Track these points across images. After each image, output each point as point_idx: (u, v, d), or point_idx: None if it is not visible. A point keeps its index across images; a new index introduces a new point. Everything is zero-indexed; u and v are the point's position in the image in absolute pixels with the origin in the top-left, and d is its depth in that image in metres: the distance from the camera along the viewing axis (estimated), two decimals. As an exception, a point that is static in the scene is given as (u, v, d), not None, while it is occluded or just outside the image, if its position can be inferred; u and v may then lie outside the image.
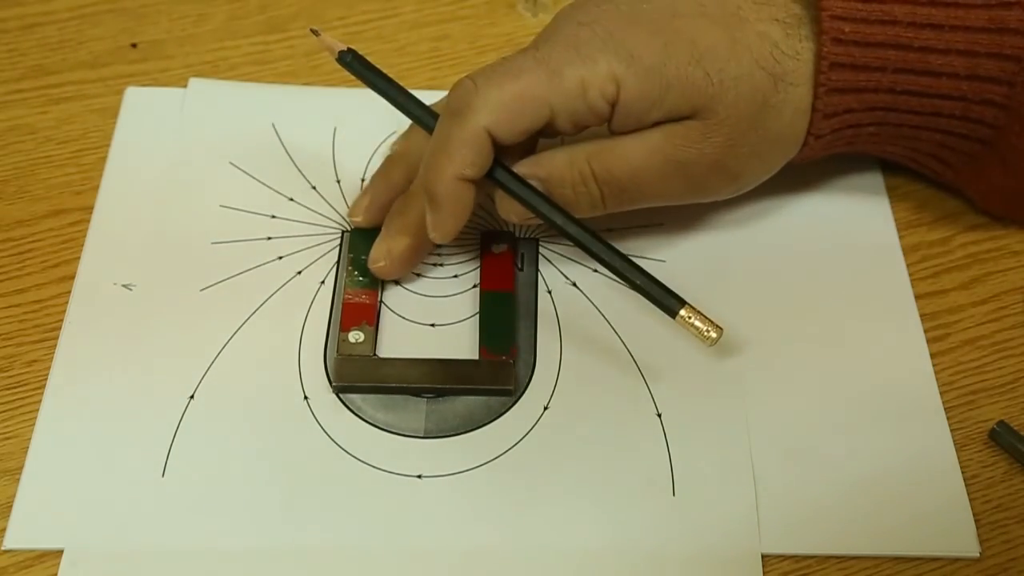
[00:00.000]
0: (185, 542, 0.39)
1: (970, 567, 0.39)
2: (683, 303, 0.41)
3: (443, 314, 0.45)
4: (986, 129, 0.43)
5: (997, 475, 0.41)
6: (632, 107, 0.40)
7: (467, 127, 0.40)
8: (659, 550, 0.39)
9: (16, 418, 0.42)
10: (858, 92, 0.42)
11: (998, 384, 0.44)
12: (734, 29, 0.41)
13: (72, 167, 0.50)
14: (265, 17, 0.56)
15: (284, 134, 0.51)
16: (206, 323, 0.44)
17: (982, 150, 0.44)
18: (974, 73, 0.42)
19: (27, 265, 0.46)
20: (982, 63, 0.42)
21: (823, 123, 0.43)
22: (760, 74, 0.41)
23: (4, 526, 0.39)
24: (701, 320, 0.41)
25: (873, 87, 0.42)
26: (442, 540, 0.39)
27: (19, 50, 0.54)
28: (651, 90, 0.40)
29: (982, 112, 0.43)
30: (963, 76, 0.42)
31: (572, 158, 0.41)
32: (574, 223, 0.41)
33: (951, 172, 0.46)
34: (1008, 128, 0.43)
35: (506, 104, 0.40)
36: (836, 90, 0.42)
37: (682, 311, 0.41)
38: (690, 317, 0.40)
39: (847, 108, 0.43)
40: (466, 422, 0.42)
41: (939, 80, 0.42)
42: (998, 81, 0.42)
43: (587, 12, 0.42)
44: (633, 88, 0.40)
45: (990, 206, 0.48)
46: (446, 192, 0.41)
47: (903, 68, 0.42)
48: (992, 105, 0.42)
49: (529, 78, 0.40)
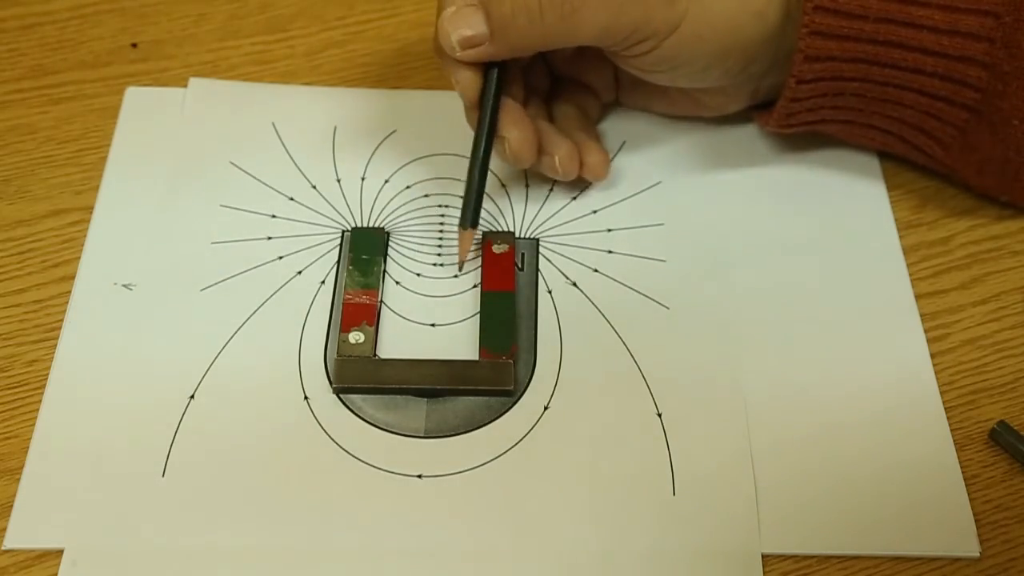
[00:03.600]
0: (185, 542, 0.39)
1: (970, 567, 0.39)
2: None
3: (443, 314, 0.45)
4: (970, 92, 0.44)
5: (997, 475, 0.41)
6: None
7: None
8: (659, 549, 0.39)
9: (16, 418, 0.42)
10: (841, 39, 0.43)
11: (998, 384, 0.44)
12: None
13: (72, 167, 0.50)
14: (265, 17, 0.56)
15: (284, 134, 0.51)
16: (206, 323, 0.44)
17: (969, 118, 0.44)
18: (954, 28, 0.42)
19: (27, 265, 0.46)
20: (961, 18, 0.42)
21: (805, 66, 0.44)
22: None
23: (4, 526, 0.39)
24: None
25: (855, 35, 0.43)
26: (442, 540, 0.39)
27: (19, 50, 0.54)
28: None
29: (964, 71, 0.43)
30: (943, 30, 0.43)
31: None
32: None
33: (941, 149, 0.46)
34: (992, 89, 0.43)
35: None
36: (818, 33, 0.43)
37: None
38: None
39: (830, 55, 0.43)
40: (466, 422, 0.42)
41: (920, 33, 0.43)
42: (977, 37, 0.42)
43: None
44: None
45: (986, 184, 0.48)
46: None
47: (884, 18, 0.43)
48: (973, 63, 0.43)
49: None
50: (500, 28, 0.43)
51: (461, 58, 0.43)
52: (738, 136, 0.51)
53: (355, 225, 0.48)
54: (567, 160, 0.47)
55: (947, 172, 0.48)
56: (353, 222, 0.48)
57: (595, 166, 0.48)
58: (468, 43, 0.43)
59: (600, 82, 0.51)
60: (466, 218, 0.45)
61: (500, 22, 0.42)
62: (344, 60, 0.54)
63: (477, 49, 0.43)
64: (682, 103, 0.50)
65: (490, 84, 0.45)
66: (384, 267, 0.46)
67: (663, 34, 0.43)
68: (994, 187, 0.48)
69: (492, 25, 0.43)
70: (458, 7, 0.43)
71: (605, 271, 0.46)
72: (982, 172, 0.47)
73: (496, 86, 0.45)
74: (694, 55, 0.44)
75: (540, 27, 0.42)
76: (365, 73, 0.54)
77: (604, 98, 0.51)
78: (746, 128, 0.51)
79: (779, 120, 0.47)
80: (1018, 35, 0.42)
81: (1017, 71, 0.42)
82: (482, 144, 0.45)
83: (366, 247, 0.46)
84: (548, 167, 0.48)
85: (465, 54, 0.43)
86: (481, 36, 0.43)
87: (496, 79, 0.45)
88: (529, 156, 0.46)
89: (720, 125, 0.51)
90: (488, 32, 0.43)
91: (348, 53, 0.54)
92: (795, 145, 0.51)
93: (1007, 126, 0.44)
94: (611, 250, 0.47)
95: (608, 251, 0.47)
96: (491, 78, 0.45)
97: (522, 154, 0.46)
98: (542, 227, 0.48)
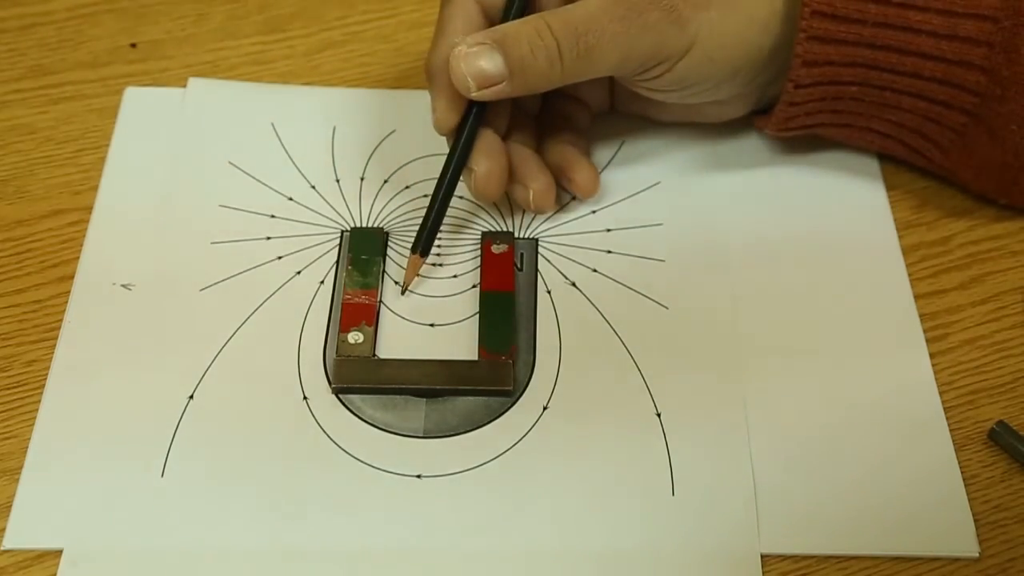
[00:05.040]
0: (184, 542, 0.39)
1: (969, 567, 0.39)
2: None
3: (442, 314, 0.45)
4: (968, 96, 0.44)
5: (996, 475, 0.41)
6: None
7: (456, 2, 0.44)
8: (658, 550, 0.39)
9: (15, 418, 0.42)
10: (838, 44, 0.43)
11: (997, 384, 0.44)
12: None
13: (71, 167, 0.50)
14: (264, 17, 0.56)
15: (283, 134, 0.51)
16: (205, 323, 0.44)
17: (968, 122, 0.44)
18: (953, 32, 0.42)
19: (26, 265, 0.46)
20: (960, 23, 0.42)
21: (802, 71, 0.44)
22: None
23: (3, 526, 0.39)
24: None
25: (853, 40, 0.43)
26: (441, 540, 0.39)
27: (18, 50, 0.54)
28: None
29: (963, 76, 0.43)
30: (942, 35, 0.43)
31: (528, 19, 0.43)
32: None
33: (939, 152, 0.47)
34: (990, 94, 0.43)
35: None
36: (816, 38, 0.43)
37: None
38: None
39: (828, 59, 0.43)
40: (466, 422, 0.42)
41: (918, 37, 0.43)
42: (976, 42, 0.42)
43: None
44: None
45: (984, 187, 0.48)
46: (438, 66, 0.43)
47: (882, 23, 0.43)
48: (972, 68, 0.43)
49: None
50: (519, 69, 0.42)
51: (477, 97, 0.42)
52: (737, 136, 0.51)
53: (354, 225, 0.48)
54: (540, 195, 0.46)
55: (945, 175, 0.48)
56: (352, 222, 0.48)
57: (584, 184, 0.47)
58: (485, 82, 0.42)
59: (593, 95, 0.50)
60: (417, 243, 0.45)
61: (519, 63, 0.42)
62: (343, 60, 0.54)
63: (494, 88, 0.42)
64: (680, 111, 0.50)
65: (469, 115, 0.44)
66: (383, 267, 0.46)
67: (676, 57, 0.43)
68: (992, 190, 0.48)
69: (511, 65, 0.42)
70: (470, 45, 0.42)
71: (604, 271, 0.46)
72: (980, 175, 0.47)
73: (475, 119, 0.44)
74: (707, 74, 0.44)
75: (559, 67, 0.42)
76: (364, 73, 0.54)
77: (596, 109, 0.51)
78: (745, 128, 0.51)
79: (777, 124, 0.47)
80: (1017, 40, 0.42)
81: (1016, 76, 0.42)
82: (448, 173, 0.45)
83: (365, 247, 0.46)
84: (521, 200, 0.47)
85: (481, 94, 0.42)
86: (499, 75, 0.42)
87: (476, 112, 0.44)
88: (495, 191, 0.45)
89: (719, 125, 0.51)
90: (507, 72, 0.42)
91: (347, 53, 0.54)
92: (794, 145, 0.51)
93: (1005, 130, 0.44)
94: (610, 250, 0.47)
95: (607, 251, 0.47)
96: (471, 110, 0.44)
97: (487, 189, 0.45)
98: (541, 227, 0.48)
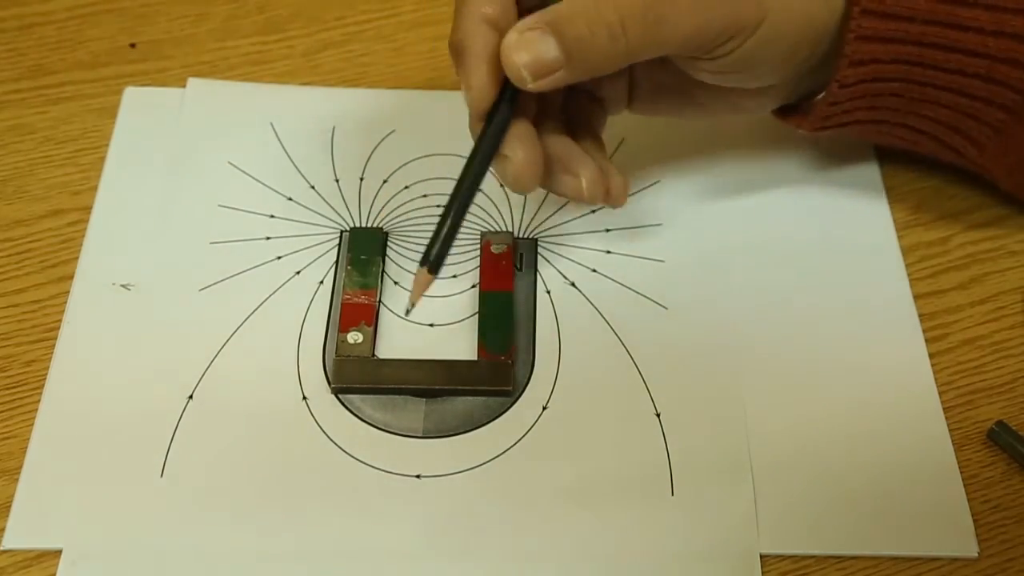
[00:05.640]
0: (183, 542, 0.39)
1: (968, 567, 0.39)
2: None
3: (442, 314, 0.45)
4: (1010, 93, 0.43)
5: (996, 475, 0.41)
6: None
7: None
8: (658, 549, 0.39)
9: (15, 418, 0.42)
10: (886, 42, 0.42)
11: (997, 384, 0.44)
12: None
13: (71, 167, 0.50)
14: (264, 17, 0.56)
15: (283, 134, 0.51)
16: (205, 323, 0.44)
17: (1006, 119, 0.44)
18: (1000, 29, 0.42)
19: (25, 265, 0.46)
20: (1008, 19, 0.42)
21: (849, 71, 0.43)
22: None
23: (3, 526, 0.39)
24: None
25: (901, 37, 0.42)
26: (440, 540, 0.39)
27: (18, 50, 0.54)
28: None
29: (1007, 73, 0.43)
30: (988, 32, 0.42)
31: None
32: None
33: (975, 149, 0.46)
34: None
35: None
36: (865, 38, 0.42)
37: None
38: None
39: (874, 57, 0.43)
40: (465, 422, 0.42)
41: (965, 34, 0.42)
42: (1022, 39, 0.42)
43: None
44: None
45: (1016, 185, 0.48)
46: (465, 41, 0.39)
47: (931, 20, 0.42)
48: (1016, 64, 0.42)
49: None
50: (578, 51, 0.38)
51: (534, 88, 0.39)
52: (737, 136, 0.51)
53: (353, 225, 0.48)
54: (594, 183, 0.42)
55: (977, 171, 0.48)
56: (352, 222, 0.48)
57: (617, 191, 0.43)
58: (541, 71, 0.38)
59: (614, 93, 0.46)
60: (427, 256, 0.39)
61: (577, 44, 0.38)
62: (342, 60, 0.54)
63: (552, 76, 0.38)
64: (716, 107, 0.46)
65: (505, 95, 0.40)
66: (383, 267, 0.46)
67: (749, 31, 0.40)
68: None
69: (567, 48, 0.38)
70: (521, 32, 0.38)
71: (604, 271, 0.46)
72: (1014, 173, 0.47)
73: (510, 100, 0.40)
74: (772, 53, 0.42)
75: (623, 43, 0.38)
76: (363, 73, 0.54)
77: (612, 111, 0.47)
78: (745, 128, 0.51)
79: (814, 123, 0.45)
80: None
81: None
82: (475, 163, 0.40)
83: (365, 247, 0.46)
84: (572, 190, 0.42)
85: (538, 84, 0.38)
86: (556, 62, 0.38)
87: (513, 91, 0.39)
88: (532, 181, 0.41)
89: (719, 125, 0.51)
90: (563, 56, 0.38)
91: (346, 53, 0.54)
92: (794, 145, 0.51)
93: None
94: (609, 250, 0.47)
95: (607, 251, 0.47)
96: (508, 89, 0.39)
97: (525, 177, 0.40)
98: (541, 227, 0.48)
